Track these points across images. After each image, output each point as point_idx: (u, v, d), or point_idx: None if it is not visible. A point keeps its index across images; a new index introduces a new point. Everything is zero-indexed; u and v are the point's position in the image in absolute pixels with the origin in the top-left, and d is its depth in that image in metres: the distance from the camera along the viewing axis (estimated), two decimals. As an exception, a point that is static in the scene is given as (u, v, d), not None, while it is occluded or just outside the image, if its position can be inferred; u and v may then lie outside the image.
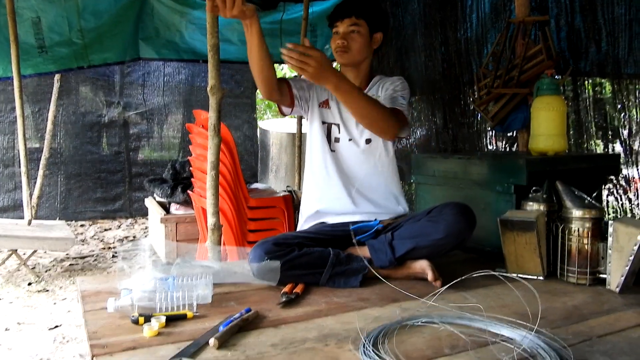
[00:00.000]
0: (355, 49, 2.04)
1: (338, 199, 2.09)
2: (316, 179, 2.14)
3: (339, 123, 2.12)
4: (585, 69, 2.86)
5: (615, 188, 2.75)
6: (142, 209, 5.42)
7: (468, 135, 3.67)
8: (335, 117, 2.13)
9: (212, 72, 2.39)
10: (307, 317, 1.51)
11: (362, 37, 2.04)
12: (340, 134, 2.12)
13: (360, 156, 2.10)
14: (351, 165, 2.10)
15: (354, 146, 2.10)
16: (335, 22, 2.06)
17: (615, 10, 2.65)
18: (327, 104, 2.15)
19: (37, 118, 5.29)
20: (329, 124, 2.13)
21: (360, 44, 2.05)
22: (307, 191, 2.18)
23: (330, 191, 2.10)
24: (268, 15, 4.77)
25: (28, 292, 3.23)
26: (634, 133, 2.71)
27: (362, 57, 2.09)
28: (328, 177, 2.10)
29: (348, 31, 2.04)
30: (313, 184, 2.16)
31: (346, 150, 2.11)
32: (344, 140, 2.11)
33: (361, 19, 2.03)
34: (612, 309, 1.60)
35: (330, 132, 2.13)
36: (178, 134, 6.02)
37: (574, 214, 1.86)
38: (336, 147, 2.12)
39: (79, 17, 4.09)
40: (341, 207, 2.08)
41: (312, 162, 2.16)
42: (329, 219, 2.10)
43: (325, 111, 2.15)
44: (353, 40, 2.04)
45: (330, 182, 2.10)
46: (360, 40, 2.04)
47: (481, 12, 3.46)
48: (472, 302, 1.56)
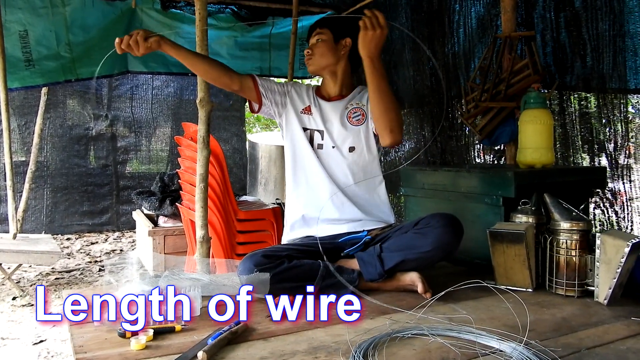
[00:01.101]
0: (318, 53, 2.11)
1: (322, 205, 2.08)
2: (299, 185, 2.14)
3: (322, 130, 2.12)
4: (571, 83, 2.89)
5: (601, 201, 2.77)
6: (130, 222, 5.38)
7: (456, 148, 3.69)
8: (318, 124, 2.13)
9: (201, 85, 2.40)
10: (297, 329, 1.50)
11: (325, 43, 2.10)
12: (324, 140, 2.12)
13: (343, 163, 2.09)
14: (335, 172, 2.10)
15: (337, 153, 2.10)
16: (308, 40, 2.15)
17: (600, 26, 2.69)
18: (309, 110, 2.16)
19: (23, 131, 5.25)
20: (311, 130, 2.14)
21: (323, 48, 2.10)
22: (291, 198, 2.17)
23: (314, 197, 2.09)
24: (257, 30, 4.81)
25: (12, 307, 3.18)
26: (619, 147, 2.74)
27: (328, 60, 2.11)
28: (312, 183, 2.10)
29: (313, 42, 2.13)
30: (296, 190, 2.15)
31: (329, 157, 2.10)
32: (327, 147, 2.11)
33: (324, 28, 2.12)
34: (601, 321, 1.60)
35: (313, 139, 2.13)
36: (166, 146, 6.00)
37: (562, 226, 1.87)
38: (319, 153, 2.12)
39: (67, 31, 4.09)
40: (326, 213, 2.07)
41: (294, 168, 2.15)
42: (314, 227, 2.08)
43: (307, 117, 2.15)
44: (316, 47, 2.11)
45: (314, 188, 2.10)
46: (323, 46, 2.10)
47: (468, 27, 3.50)
48: (462, 314, 1.56)
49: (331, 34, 2.10)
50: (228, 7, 4.61)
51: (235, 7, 4.62)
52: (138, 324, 1.42)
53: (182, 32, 4.57)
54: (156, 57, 4.64)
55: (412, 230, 1.91)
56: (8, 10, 3.83)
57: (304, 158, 2.12)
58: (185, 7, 4.49)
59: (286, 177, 2.20)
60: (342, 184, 2.08)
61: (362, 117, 2.10)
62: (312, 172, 2.11)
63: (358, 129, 2.10)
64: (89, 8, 4.13)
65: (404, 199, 2.70)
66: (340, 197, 2.07)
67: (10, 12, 3.85)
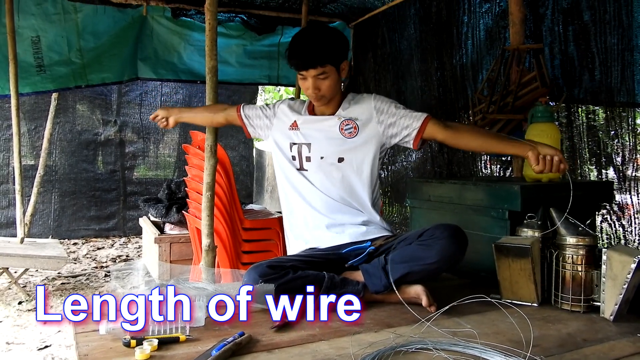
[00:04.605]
0: (328, 91, 2.06)
1: (315, 215, 2.10)
2: (290, 198, 2.17)
3: (309, 142, 2.13)
4: (579, 96, 2.89)
5: (609, 215, 2.76)
6: (136, 228, 5.40)
7: (463, 159, 3.69)
8: (307, 137, 2.14)
9: (209, 94, 2.41)
10: (301, 341, 1.50)
11: (331, 79, 2.04)
12: (311, 153, 2.12)
13: (333, 174, 2.10)
14: (325, 183, 2.10)
15: (326, 164, 2.11)
16: (299, 71, 2.04)
17: (608, 39, 2.69)
18: (295, 126, 2.17)
19: (33, 135, 5.30)
20: (299, 144, 2.15)
21: (332, 85, 2.05)
22: (286, 212, 2.20)
23: (307, 209, 2.11)
24: (266, 38, 4.84)
25: (18, 311, 3.20)
26: (626, 160, 2.74)
27: (336, 91, 2.10)
28: (302, 195, 2.12)
29: (317, 79, 2.02)
30: (288, 204, 2.18)
31: (319, 168, 2.11)
32: (315, 159, 2.12)
33: (326, 64, 2.00)
34: (606, 337, 1.59)
35: (301, 152, 2.14)
36: (174, 152, 6.03)
37: (567, 241, 1.86)
38: (308, 166, 2.13)
39: (79, 37, 4.13)
40: (323, 224, 2.08)
41: (284, 183, 2.19)
42: (314, 239, 2.10)
43: (294, 132, 2.17)
44: (324, 84, 2.04)
45: (305, 200, 2.12)
46: (331, 83, 2.04)
47: (476, 39, 3.51)
48: (467, 328, 1.56)
49: (332, 66, 2.03)
50: (238, 16, 4.65)
51: (245, 16, 4.66)
52: (138, 324, 1.43)
53: (192, 40, 4.61)
54: (165, 64, 4.68)
55: (416, 241, 1.91)
56: (21, 16, 3.88)
57: (290, 172, 2.15)
58: (196, 15, 4.53)
59: (279, 191, 2.23)
60: (333, 194, 2.09)
61: (354, 130, 2.10)
62: (300, 184, 2.13)
63: (351, 140, 2.10)
64: (101, 15, 4.18)
65: (410, 210, 2.70)
66: (334, 206, 2.09)
67: (23, 18, 3.90)
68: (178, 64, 4.71)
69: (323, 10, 4.67)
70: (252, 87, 6.21)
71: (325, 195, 2.09)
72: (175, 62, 4.69)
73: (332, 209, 2.09)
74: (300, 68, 2.02)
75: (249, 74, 4.97)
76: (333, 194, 2.10)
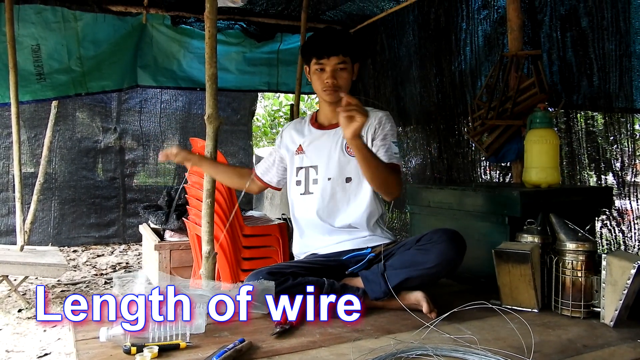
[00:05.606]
0: (345, 86, 2.02)
1: (322, 237, 2.08)
2: (299, 221, 2.15)
3: (316, 165, 2.11)
4: (578, 102, 2.90)
5: (608, 220, 2.76)
6: (136, 235, 5.40)
7: (463, 165, 3.70)
8: (312, 160, 2.12)
9: (209, 101, 2.42)
10: (302, 348, 1.50)
11: (349, 73, 2.03)
12: (318, 174, 2.09)
13: (340, 193, 2.07)
14: (331, 203, 2.07)
15: (332, 185, 2.07)
16: (320, 59, 2.00)
17: (606, 45, 2.70)
18: (301, 150, 2.15)
19: (33, 143, 5.30)
20: (306, 167, 2.13)
21: (348, 80, 2.03)
22: (295, 232, 2.19)
23: (315, 231, 2.10)
24: (266, 45, 4.85)
25: (18, 319, 3.19)
26: (626, 165, 2.74)
27: (349, 88, 2.06)
28: (310, 218, 2.10)
29: (337, 69, 2.00)
30: (297, 225, 2.17)
31: (324, 191, 2.07)
32: (323, 181, 2.08)
33: (347, 56, 2.00)
34: (607, 343, 1.59)
35: (308, 176, 2.12)
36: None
37: (567, 246, 1.86)
38: (314, 189, 2.10)
39: (79, 45, 4.15)
40: (327, 243, 2.07)
41: (293, 205, 2.18)
42: (318, 248, 2.10)
43: (300, 157, 2.15)
44: (342, 78, 2.01)
45: (312, 223, 2.10)
46: (348, 77, 2.03)
47: (475, 45, 3.52)
48: (467, 334, 1.56)
49: (351, 61, 2.03)
50: (237, 24, 4.67)
51: (245, 24, 4.68)
52: (138, 324, 1.43)
53: (191, 47, 4.63)
54: (165, 72, 4.69)
55: (414, 246, 1.91)
56: (21, 24, 3.89)
57: (297, 196, 2.14)
58: (195, 22, 4.55)
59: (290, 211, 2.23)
60: (338, 215, 2.07)
61: None
62: (308, 207, 2.10)
63: (355, 159, 2.08)
64: (101, 23, 4.19)
65: (410, 217, 2.70)
66: (337, 229, 2.07)
67: (23, 26, 3.92)
68: (178, 72, 4.73)
69: (322, 17, 4.69)
70: (251, 94, 6.22)
71: (328, 226, 2.07)
72: (175, 70, 4.71)
73: (335, 232, 2.07)
74: (322, 55, 1.99)
75: (248, 81, 4.99)
76: (337, 221, 2.07)
